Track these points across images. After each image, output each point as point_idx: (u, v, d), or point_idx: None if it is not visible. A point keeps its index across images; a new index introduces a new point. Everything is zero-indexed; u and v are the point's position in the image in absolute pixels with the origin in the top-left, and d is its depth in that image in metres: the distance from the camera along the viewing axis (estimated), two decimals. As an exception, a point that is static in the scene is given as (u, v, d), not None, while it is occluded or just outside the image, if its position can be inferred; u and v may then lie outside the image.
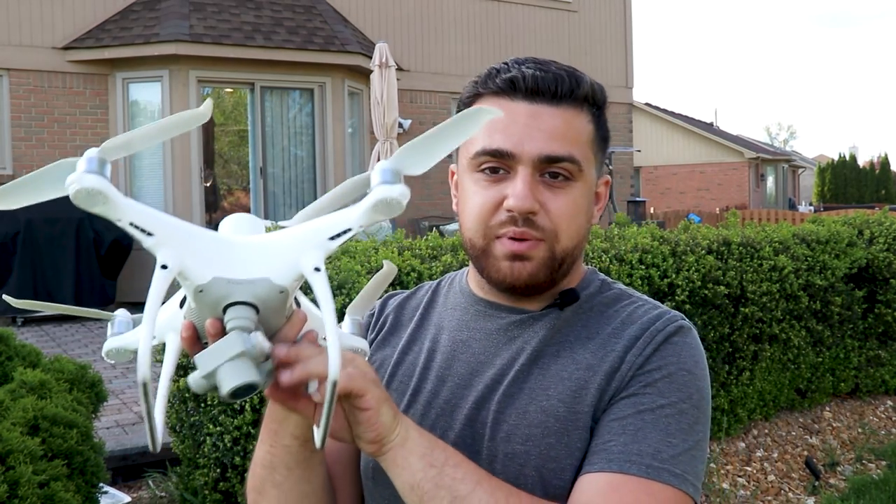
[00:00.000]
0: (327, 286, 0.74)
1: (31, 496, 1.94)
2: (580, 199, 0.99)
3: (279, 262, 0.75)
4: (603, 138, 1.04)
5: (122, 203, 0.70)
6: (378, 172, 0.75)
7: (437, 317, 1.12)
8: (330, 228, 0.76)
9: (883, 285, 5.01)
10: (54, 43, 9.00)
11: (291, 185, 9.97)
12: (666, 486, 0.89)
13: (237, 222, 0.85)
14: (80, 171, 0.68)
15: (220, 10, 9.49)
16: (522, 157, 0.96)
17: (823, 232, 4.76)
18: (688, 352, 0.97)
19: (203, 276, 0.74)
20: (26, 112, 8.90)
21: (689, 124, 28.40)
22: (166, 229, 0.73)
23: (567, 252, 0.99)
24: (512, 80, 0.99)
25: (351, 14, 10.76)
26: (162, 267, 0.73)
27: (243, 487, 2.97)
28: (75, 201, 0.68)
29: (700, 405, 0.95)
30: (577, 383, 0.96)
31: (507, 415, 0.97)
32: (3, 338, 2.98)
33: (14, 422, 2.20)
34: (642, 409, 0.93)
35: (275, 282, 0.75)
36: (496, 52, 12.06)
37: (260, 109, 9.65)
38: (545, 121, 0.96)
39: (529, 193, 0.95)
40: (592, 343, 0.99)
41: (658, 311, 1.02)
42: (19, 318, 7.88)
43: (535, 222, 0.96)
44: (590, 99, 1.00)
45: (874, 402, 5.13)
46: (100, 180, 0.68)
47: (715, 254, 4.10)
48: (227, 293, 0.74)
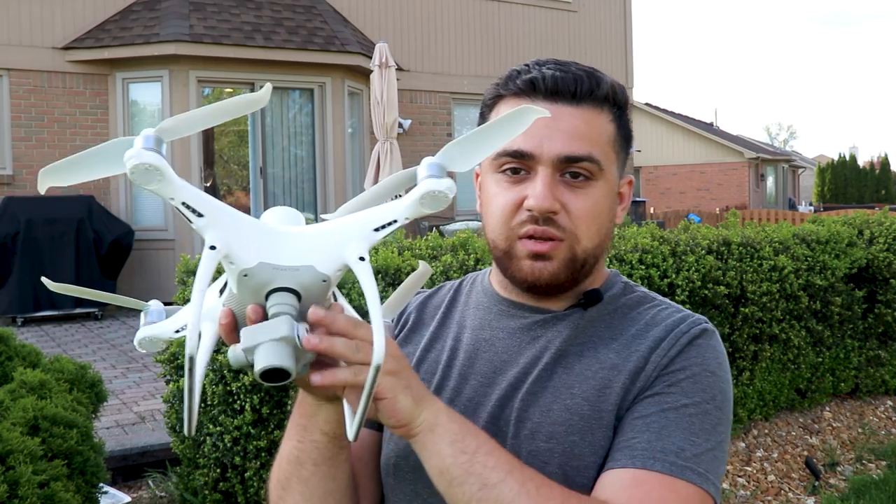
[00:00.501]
0: (371, 275, 0.76)
1: (31, 496, 1.94)
2: (601, 199, 1.00)
3: (324, 250, 0.77)
4: (625, 138, 1.04)
5: (176, 182, 0.71)
6: (425, 167, 0.77)
7: (460, 315, 1.12)
8: (375, 220, 0.78)
9: (883, 285, 5.01)
10: (54, 43, 9.00)
11: (291, 185, 9.97)
12: (689, 483, 0.90)
13: (279, 214, 0.86)
14: (138, 147, 0.70)
15: (220, 10, 9.49)
16: (542, 158, 0.97)
17: (823, 232, 4.76)
18: (711, 354, 0.98)
19: (249, 260, 0.75)
20: (26, 112, 8.90)
21: (689, 124, 28.40)
22: (216, 212, 0.74)
23: (588, 252, 1.00)
24: (532, 80, 0.99)
25: (351, 14, 10.76)
26: (210, 248, 0.74)
27: (243, 487, 2.98)
28: (132, 177, 0.69)
29: (723, 406, 0.96)
30: (602, 382, 0.97)
31: (530, 413, 0.98)
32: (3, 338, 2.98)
33: (14, 422, 2.20)
34: (666, 408, 0.93)
35: (319, 269, 0.76)
36: (496, 52, 12.06)
37: (260, 109, 9.63)
38: (565, 121, 0.97)
39: (549, 193, 0.96)
40: (616, 343, 1.00)
41: (682, 314, 1.03)
42: (19, 318, 7.88)
43: (555, 222, 0.97)
44: (610, 99, 1.01)
45: (874, 402, 5.12)
46: (157, 157, 0.70)
47: (715, 254, 4.10)
48: (271, 278, 0.75)
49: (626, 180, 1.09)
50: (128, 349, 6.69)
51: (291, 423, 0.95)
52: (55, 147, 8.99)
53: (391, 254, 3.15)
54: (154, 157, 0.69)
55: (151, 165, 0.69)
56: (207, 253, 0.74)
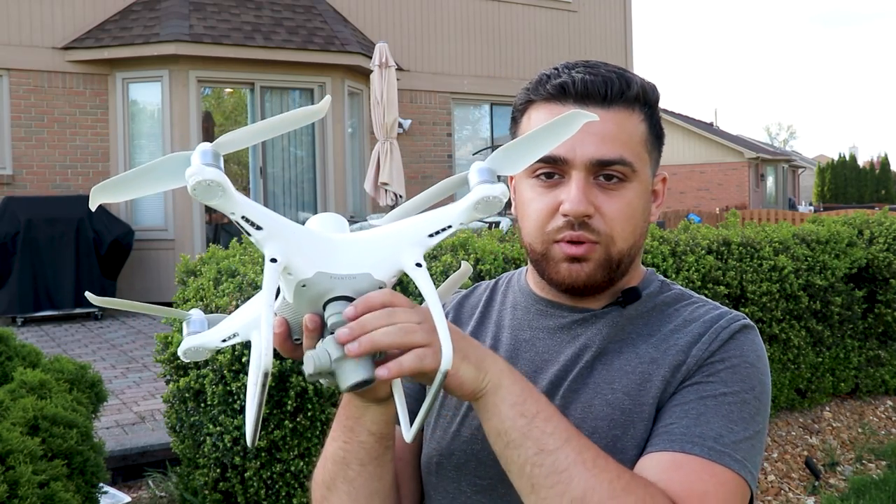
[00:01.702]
0: (430, 280, 0.77)
1: (31, 496, 1.94)
2: (635, 201, 1.01)
3: (379, 258, 0.78)
4: (657, 136, 1.05)
5: (237, 197, 0.73)
6: (476, 172, 0.77)
7: (497, 315, 1.13)
8: (429, 225, 0.79)
9: (883, 285, 5.01)
10: (54, 43, 9.00)
11: (291, 185, 9.97)
12: (726, 469, 0.90)
13: (326, 221, 0.85)
14: (198, 163, 0.70)
15: (220, 10, 9.49)
16: (575, 162, 0.98)
17: (823, 232, 4.76)
18: (750, 347, 0.99)
19: (307, 270, 0.76)
20: (26, 112, 8.90)
21: (689, 124, 28.40)
22: (274, 225, 0.76)
23: (623, 253, 1.01)
24: (562, 85, 1.00)
25: (351, 14, 10.76)
26: (271, 260, 0.75)
27: (243, 487, 2.98)
28: (193, 193, 0.70)
29: (761, 398, 0.97)
30: (642, 376, 0.98)
31: (572, 409, 0.99)
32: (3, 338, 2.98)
33: (14, 422, 2.20)
34: (705, 396, 0.94)
35: (375, 277, 0.77)
36: (496, 53, 12.05)
37: (260, 109, 9.65)
38: (596, 124, 0.96)
39: (584, 198, 0.97)
40: (655, 339, 1.01)
41: (720, 310, 1.03)
42: (19, 318, 7.88)
43: (590, 225, 0.98)
44: (641, 99, 1.02)
45: (874, 402, 5.12)
46: (218, 173, 0.70)
47: (715, 254, 4.10)
48: (329, 288, 0.77)
49: (660, 178, 1.09)
50: (128, 349, 6.69)
51: (336, 424, 0.97)
52: (55, 147, 8.99)
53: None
54: (215, 172, 0.70)
55: (213, 182, 0.70)
56: (269, 266, 0.74)
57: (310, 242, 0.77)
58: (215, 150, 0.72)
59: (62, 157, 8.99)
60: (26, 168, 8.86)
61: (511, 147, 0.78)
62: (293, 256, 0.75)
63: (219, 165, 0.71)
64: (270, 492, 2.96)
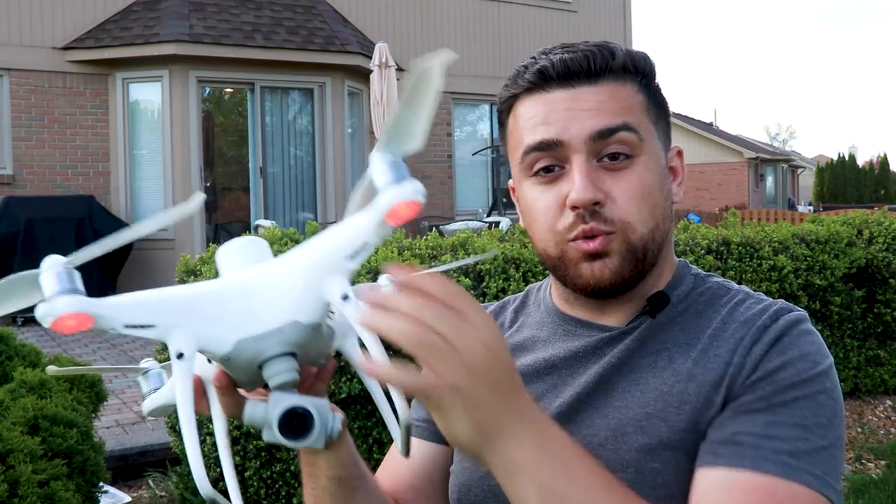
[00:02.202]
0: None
1: (31, 495, 1.94)
2: (647, 177, 0.89)
3: (302, 297, 0.66)
4: (659, 105, 0.94)
5: (110, 309, 0.61)
6: (379, 169, 0.64)
7: (521, 337, 1.02)
8: (345, 245, 0.65)
9: (882, 285, 5.01)
10: (54, 43, 9.00)
11: (291, 185, 9.97)
12: (806, 488, 0.77)
13: (237, 254, 0.72)
14: (52, 294, 0.59)
15: (220, 10, 9.49)
16: (572, 143, 0.87)
17: (823, 232, 4.77)
18: (808, 340, 0.86)
19: (225, 343, 0.65)
20: (26, 112, 8.91)
21: (689, 124, 28.41)
22: (166, 313, 0.64)
23: (646, 238, 0.88)
24: (541, 70, 0.90)
25: (351, 14, 10.77)
26: (178, 356, 0.64)
27: (243, 487, 2.98)
28: (54, 330, 0.60)
29: (835, 395, 0.83)
30: (679, 398, 0.85)
31: (601, 438, 0.87)
32: (3, 338, 2.98)
33: (14, 421, 2.21)
34: (774, 403, 0.81)
35: (304, 322, 0.66)
36: (496, 52, 12.06)
37: (260, 109, 9.65)
38: (586, 100, 0.88)
39: (589, 183, 0.86)
40: (693, 350, 0.88)
41: (762, 304, 0.91)
42: (19, 318, 7.89)
43: (602, 214, 0.87)
44: (630, 68, 0.91)
45: (873, 401, 5.13)
46: (78, 303, 0.59)
47: (714, 254, 4.11)
48: (257, 352, 0.66)
49: (675, 151, 0.97)
50: (128, 349, 6.69)
51: (303, 469, 0.89)
52: (55, 147, 8.99)
53: (391, 253, 3.16)
54: (74, 303, 0.59)
55: (76, 315, 0.59)
56: (177, 366, 0.63)
57: (218, 306, 0.65)
58: (68, 268, 0.61)
59: (62, 157, 9.00)
60: (27, 168, 8.86)
61: (397, 123, 0.64)
62: (204, 334, 0.64)
63: (76, 288, 0.60)
64: (270, 491, 2.96)
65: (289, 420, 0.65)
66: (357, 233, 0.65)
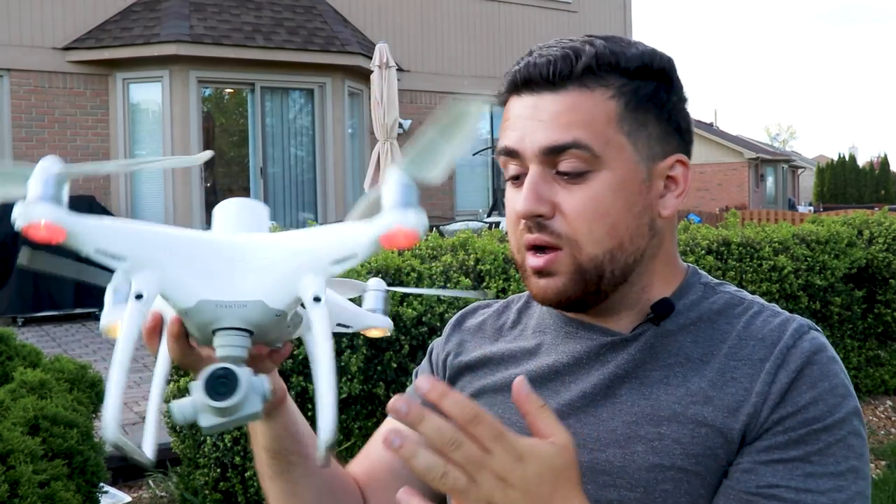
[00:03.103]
0: (327, 323, 0.64)
1: (31, 496, 1.94)
2: (605, 194, 0.83)
3: (276, 280, 0.65)
4: (646, 111, 0.85)
5: (83, 231, 0.61)
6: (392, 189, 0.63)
7: (524, 340, 0.99)
8: (334, 250, 0.65)
9: (882, 285, 5.01)
10: (55, 43, 9.00)
11: (291, 186, 9.97)
12: None
13: (237, 211, 0.71)
14: (34, 197, 0.59)
15: (220, 10, 9.49)
16: (527, 153, 0.84)
17: (823, 232, 4.77)
18: (834, 370, 0.82)
19: (187, 298, 0.64)
20: (27, 112, 8.91)
21: (689, 124, 28.37)
22: (141, 249, 0.63)
23: (597, 261, 0.84)
24: (512, 75, 0.88)
25: (351, 14, 10.77)
26: (136, 297, 0.62)
27: (243, 487, 2.98)
28: (24, 234, 0.59)
29: (862, 432, 0.81)
30: (694, 419, 0.81)
31: (609, 454, 0.83)
32: (4, 338, 2.98)
33: (14, 421, 2.21)
34: (809, 452, 0.78)
35: (270, 305, 0.65)
36: (496, 52, 12.06)
37: (260, 110, 9.65)
38: (545, 110, 0.84)
39: (533, 194, 0.83)
40: (709, 369, 0.84)
41: (779, 319, 0.86)
42: (20, 318, 7.89)
43: (549, 227, 0.84)
44: (598, 71, 0.84)
45: (874, 401, 5.13)
46: (55, 213, 0.59)
47: (714, 254, 4.11)
48: (215, 317, 0.65)
49: (674, 159, 0.88)
50: (128, 349, 6.69)
51: None
52: (56, 147, 8.99)
53: (391, 253, 3.16)
54: (49, 211, 0.58)
55: (49, 226, 0.58)
56: (133, 305, 0.62)
57: (193, 259, 0.64)
58: (59, 178, 0.60)
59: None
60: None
61: (427, 144, 0.64)
62: (170, 282, 0.63)
63: (59, 198, 0.59)
64: (270, 491, 2.96)
65: (214, 381, 0.62)
66: (349, 242, 0.65)
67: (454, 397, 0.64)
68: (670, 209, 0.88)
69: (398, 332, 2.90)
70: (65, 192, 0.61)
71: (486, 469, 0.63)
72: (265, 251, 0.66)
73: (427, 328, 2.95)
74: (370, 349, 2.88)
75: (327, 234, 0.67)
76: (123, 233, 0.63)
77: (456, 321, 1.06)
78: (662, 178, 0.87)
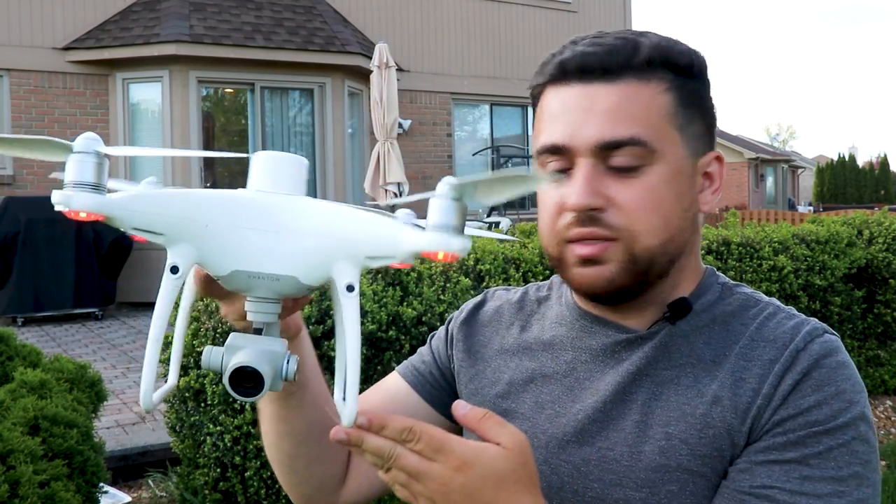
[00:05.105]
0: (357, 315, 0.66)
1: (31, 496, 1.94)
2: (660, 186, 0.83)
3: (310, 260, 0.66)
4: (694, 106, 0.86)
5: (121, 213, 0.63)
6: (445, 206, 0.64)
7: (538, 332, 0.99)
8: (374, 244, 0.66)
9: (882, 285, 5.01)
10: (54, 43, 9.00)
11: (291, 186, 9.97)
12: None
13: (277, 167, 0.69)
14: (72, 181, 0.60)
15: (220, 10, 9.49)
16: (579, 149, 0.83)
17: (823, 232, 4.77)
18: (843, 373, 0.80)
19: (222, 267, 0.66)
20: (27, 112, 8.91)
21: (689, 124, 28.38)
22: (178, 223, 0.65)
23: (651, 252, 0.83)
24: (561, 63, 0.85)
25: (351, 14, 10.77)
26: (172, 270, 0.64)
27: (243, 487, 2.98)
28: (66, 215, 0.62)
29: (870, 438, 0.79)
30: (703, 420, 0.81)
31: (617, 453, 0.84)
32: (4, 338, 2.98)
33: (14, 421, 2.21)
34: (808, 454, 0.77)
35: (303, 282, 0.67)
36: (496, 52, 12.06)
37: (260, 110, 9.65)
38: (601, 101, 0.82)
39: (588, 188, 0.81)
40: (720, 369, 0.84)
41: (793, 322, 0.85)
42: (19, 318, 7.88)
43: (601, 220, 0.82)
44: (657, 63, 0.84)
45: (874, 402, 5.13)
46: (93, 202, 0.61)
47: (714, 254, 4.11)
48: (247, 286, 0.67)
49: (713, 156, 0.89)
50: (128, 349, 6.69)
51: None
52: (55, 147, 8.99)
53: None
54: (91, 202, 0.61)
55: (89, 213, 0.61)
56: (168, 279, 0.64)
57: (229, 231, 0.65)
58: (99, 157, 0.61)
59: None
60: (27, 168, 8.86)
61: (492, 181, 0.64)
62: (205, 254, 0.65)
63: (98, 183, 0.61)
64: (270, 491, 2.96)
65: (238, 378, 0.66)
66: (390, 242, 0.66)
67: (392, 424, 0.68)
68: (709, 205, 0.89)
69: (398, 332, 2.90)
70: (105, 172, 0.62)
71: (427, 478, 0.69)
72: (306, 222, 0.66)
73: (427, 328, 2.95)
74: (370, 349, 2.89)
75: (370, 224, 0.67)
76: (160, 206, 0.64)
77: (475, 306, 1.06)
78: (702, 174, 0.88)
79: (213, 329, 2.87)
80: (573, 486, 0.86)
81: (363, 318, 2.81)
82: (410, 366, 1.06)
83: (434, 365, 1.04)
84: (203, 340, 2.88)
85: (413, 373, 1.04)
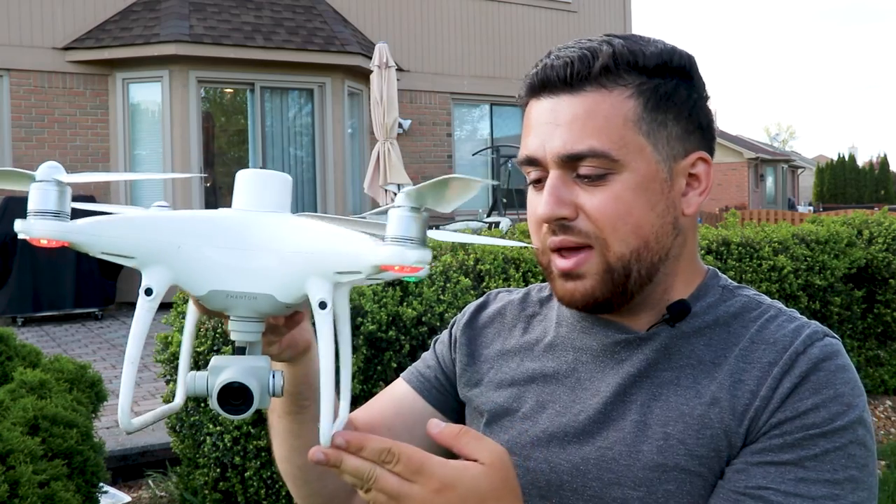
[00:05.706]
0: (331, 330, 0.66)
1: (31, 496, 1.94)
2: (626, 195, 0.83)
3: (287, 280, 0.66)
4: (667, 110, 0.85)
5: (86, 239, 0.62)
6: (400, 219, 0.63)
7: (540, 332, 1.00)
8: (338, 261, 0.66)
9: (882, 285, 5.01)
10: (54, 43, 9.00)
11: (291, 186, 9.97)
12: None
13: (260, 185, 0.70)
14: (34, 209, 0.61)
15: (220, 10, 9.49)
16: (548, 161, 0.85)
17: (823, 232, 4.77)
18: (843, 377, 0.80)
19: (199, 288, 0.66)
20: (27, 112, 8.91)
21: (689, 124, 28.38)
22: (148, 243, 0.64)
23: (624, 260, 0.84)
24: (531, 78, 0.88)
25: (351, 14, 10.77)
26: (145, 292, 0.64)
27: (243, 487, 2.98)
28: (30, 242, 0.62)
29: (867, 442, 0.79)
30: (700, 421, 0.82)
31: (616, 452, 0.85)
32: (3, 338, 2.98)
33: (14, 421, 2.20)
34: (803, 456, 0.77)
35: (279, 300, 0.67)
36: (496, 52, 12.06)
37: (260, 110, 9.65)
38: (563, 114, 0.84)
39: (552, 198, 0.84)
40: (719, 371, 0.84)
41: (794, 324, 0.85)
42: (19, 318, 7.89)
43: (573, 228, 0.84)
44: (617, 70, 0.84)
45: (873, 402, 5.13)
46: (54, 229, 0.61)
47: (714, 254, 4.11)
48: (225, 306, 0.68)
49: (695, 157, 0.87)
50: (128, 349, 6.69)
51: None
52: (55, 147, 8.99)
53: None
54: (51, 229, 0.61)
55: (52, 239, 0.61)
56: (142, 301, 0.64)
57: (203, 250, 0.65)
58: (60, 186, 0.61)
59: (62, 157, 9.00)
60: (27, 168, 8.75)
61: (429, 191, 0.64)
62: (180, 275, 0.65)
63: (59, 210, 0.61)
64: (270, 491, 2.96)
65: (227, 395, 0.66)
66: (354, 258, 0.65)
67: (370, 445, 0.67)
68: (693, 207, 0.88)
69: (398, 332, 2.91)
70: (67, 199, 0.62)
71: (407, 500, 0.67)
72: (280, 241, 0.66)
73: (427, 328, 2.95)
74: (370, 349, 2.88)
75: (337, 240, 0.67)
76: (129, 230, 0.64)
77: (477, 308, 1.07)
78: (684, 176, 0.87)
79: (213, 329, 2.87)
80: (572, 485, 0.86)
81: (363, 318, 2.81)
82: (416, 371, 1.06)
83: (439, 369, 1.05)
84: (203, 340, 2.88)
85: (418, 378, 1.05)
